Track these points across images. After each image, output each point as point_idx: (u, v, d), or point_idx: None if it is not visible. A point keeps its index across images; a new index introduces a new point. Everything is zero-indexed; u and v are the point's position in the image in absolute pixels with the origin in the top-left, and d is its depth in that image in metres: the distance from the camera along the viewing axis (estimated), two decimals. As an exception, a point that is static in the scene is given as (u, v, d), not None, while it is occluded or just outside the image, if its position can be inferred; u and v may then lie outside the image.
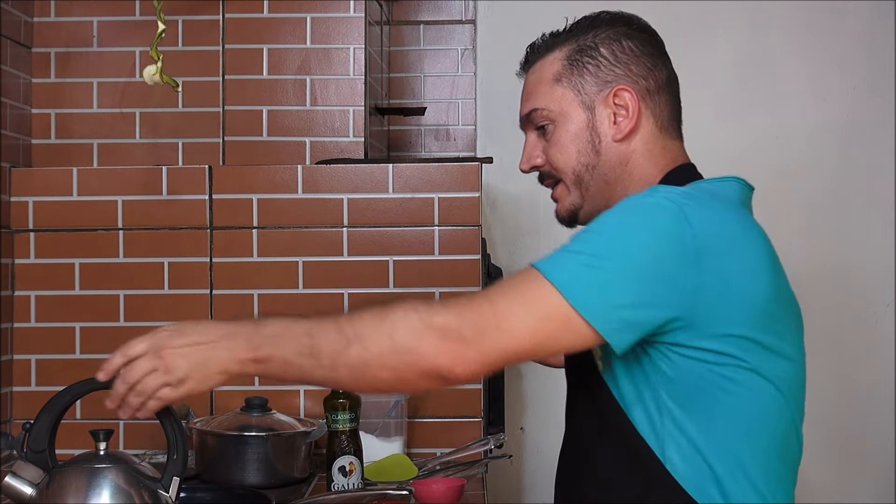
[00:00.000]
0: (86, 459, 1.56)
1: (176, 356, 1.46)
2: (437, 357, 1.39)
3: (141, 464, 1.58)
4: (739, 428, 1.51)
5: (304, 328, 1.45)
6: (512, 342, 1.41)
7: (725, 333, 1.46)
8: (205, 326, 1.50)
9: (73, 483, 1.52)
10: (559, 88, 1.67)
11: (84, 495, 1.50)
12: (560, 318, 1.41)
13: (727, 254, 1.47)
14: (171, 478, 1.54)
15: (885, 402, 3.18)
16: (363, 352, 1.41)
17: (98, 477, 1.51)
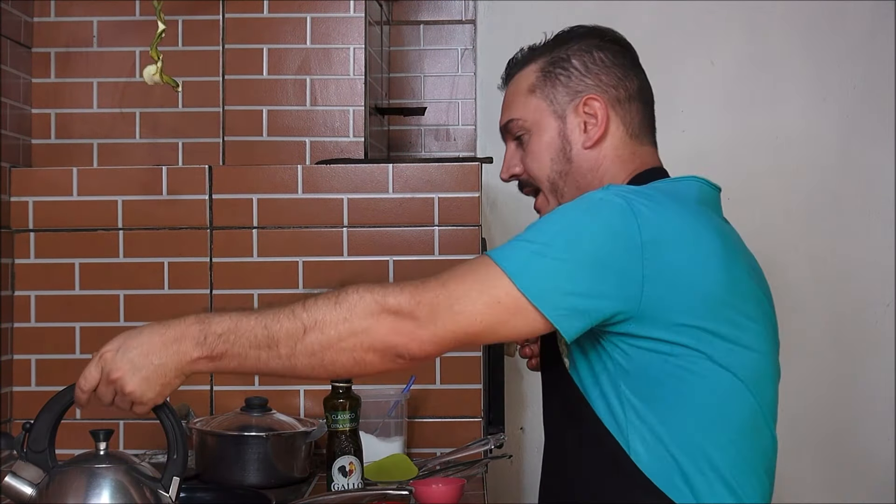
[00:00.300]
0: (86, 459, 1.56)
1: (125, 380, 1.48)
2: (391, 336, 1.44)
3: (141, 464, 1.59)
4: (700, 418, 1.53)
5: (257, 320, 1.47)
6: (464, 323, 1.45)
7: (676, 323, 1.49)
8: (148, 336, 1.50)
9: (73, 483, 1.52)
10: (533, 99, 1.74)
11: (84, 495, 1.50)
12: (510, 303, 1.45)
13: (674, 247, 1.50)
14: (172, 477, 1.54)
15: (885, 402, 3.18)
16: (321, 336, 1.44)
17: (98, 477, 1.52)
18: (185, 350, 1.48)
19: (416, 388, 2.37)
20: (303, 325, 1.45)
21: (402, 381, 2.35)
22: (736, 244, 1.63)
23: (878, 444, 3.19)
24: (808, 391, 3.13)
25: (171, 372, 1.49)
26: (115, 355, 1.49)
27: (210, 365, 1.48)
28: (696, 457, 1.53)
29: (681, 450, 1.53)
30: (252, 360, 1.47)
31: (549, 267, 1.46)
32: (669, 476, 1.53)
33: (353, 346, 1.45)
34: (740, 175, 3.21)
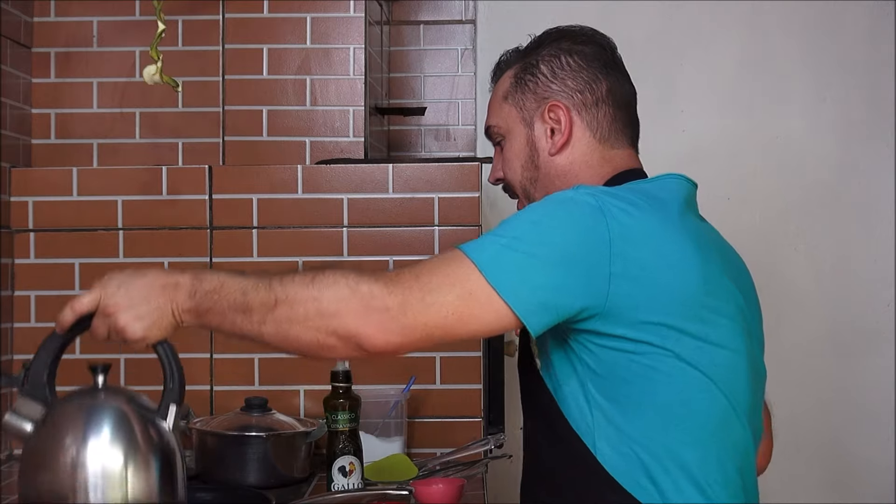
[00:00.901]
0: (84, 393, 1.55)
1: (119, 315, 1.51)
2: (358, 324, 1.43)
3: (139, 396, 1.57)
4: (667, 417, 1.53)
5: (240, 285, 1.49)
6: (434, 316, 1.45)
7: (643, 321, 1.50)
8: (150, 278, 1.53)
9: (73, 417, 1.50)
10: (506, 106, 1.77)
11: (83, 428, 1.48)
12: (481, 296, 1.45)
13: (642, 244, 1.50)
14: (169, 406, 1.53)
15: (885, 402, 3.18)
16: (289, 311, 1.45)
17: (97, 410, 1.51)
18: (179, 299, 1.51)
19: (416, 388, 2.37)
20: (275, 297, 1.46)
21: (402, 381, 2.35)
22: (710, 241, 1.63)
23: (878, 445, 3.19)
24: (807, 391, 3.13)
25: (164, 316, 1.51)
26: (116, 290, 1.52)
27: (196, 319, 1.51)
28: (663, 456, 1.53)
29: (647, 449, 1.53)
30: (229, 322, 1.50)
31: (518, 261, 1.46)
32: (635, 476, 1.53)
33: (318, 327, 1.45)
34: (740, 175, 3.22)
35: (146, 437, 1.49)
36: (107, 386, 1.55)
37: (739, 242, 2.64)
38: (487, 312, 1.46)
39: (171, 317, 1.51)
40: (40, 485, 1.45)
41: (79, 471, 1.43)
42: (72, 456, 1.44)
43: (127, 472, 1.46)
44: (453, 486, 2.00)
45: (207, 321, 1.51)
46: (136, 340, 1.52)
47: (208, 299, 1.50)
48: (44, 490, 1.44)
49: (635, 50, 3.21)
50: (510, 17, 3.19)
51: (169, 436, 1.51)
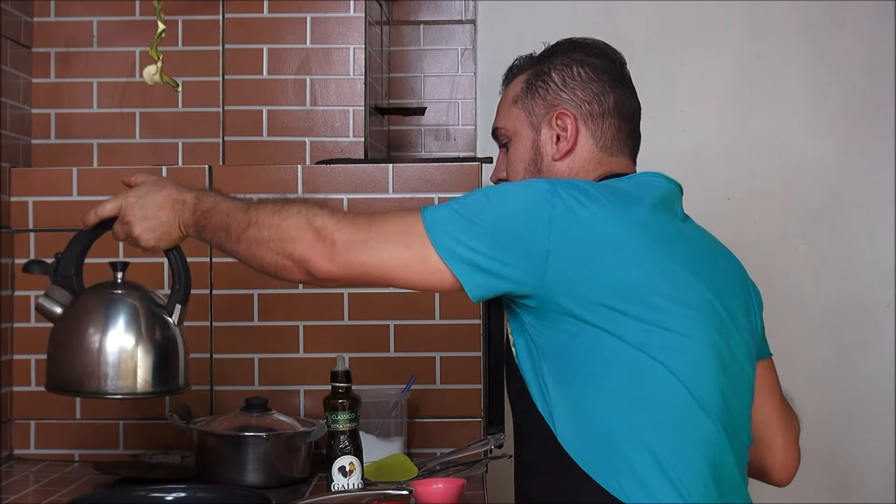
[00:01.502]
0: (105, 285, 1.83)
1: (135, 224, 1.77)
2: (306, 250, 1.61)
3: (151, 292, 1.84)
4: (617, 398, 1.57)
5: (227, 207, 1.73)
6: (374, 258, 1.60)
7: (582, 301, 1.56)
8: (164, 194, 1.77)
9: (95, 303, 1.79)
10: (515, 110, 1.82)
11: (103, 314, 1.77)
12: (420, 249, 1.58)
13: (587, 230, 1.57)
14: (174, 304, 1.82)
15: (885, 402, 3.18)
16: (256, 233, 1.66)
17: (115, 300, 1.79)
18: (184, 215, 1.76)
19: (416, 388, 2.37)
20: (249, 220, 1.67)
21: (402, 381, 2.35)
22: (678, 238, 1.66)
23: (879, 445, 3.19)
24: (807, 391, 3.12)
25: (172, 229, 1.78)
26: (135, 202, 1.78)
27: (196, 234, 1.77)
28: (616, 437, 1.56)
29: (598, 429, 1.57)
30: (217, 239, 1.73)
31: (460, 223, 1.58)
32: (590, 456, 1.57)
33: (277, 250, 1.64)
34: (740, 175, 3.21)
35: (153, 328, 1.79)
36: (125, 281, 1.82)
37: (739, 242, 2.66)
38: (424, 266, 1.59)
39: (178, 230, 1.77)
40: (66, 359, 1.76)
41: (98, 351, 1.75)
42: (92, 339, 1.75)
43: (137, 356, 1.76)
44: (453, 486, 2.00)
45: (203, 236, 1.75)
46: (148, 248, 1.79)
47: (204, 217, 1.74)
48: (68, 364, 1.76)
49: (635, 50, 3.21)
50: (510, 17, 3.19)
51: (174, 329, 1.81)
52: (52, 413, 2.42)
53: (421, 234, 1.58)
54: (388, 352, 2.42)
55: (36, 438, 2.43)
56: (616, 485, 1.55)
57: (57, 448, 2.42)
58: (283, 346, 2.42)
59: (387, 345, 2.42)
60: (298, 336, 2.42)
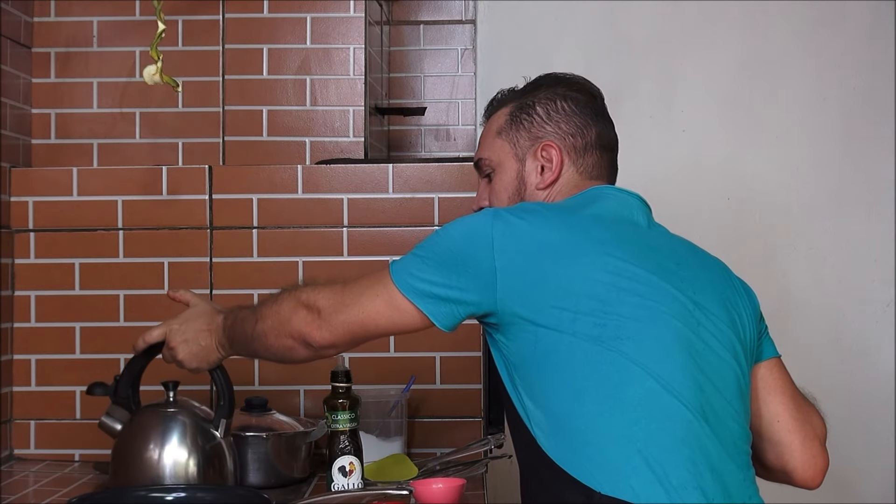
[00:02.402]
0: (158, 404, 2.02)
1: (178, 350, 1.95)
2: (301, 326, 1.75)
3: (200, 408, 2.04)
4: (580, 392, 1.60)
5: (243, 314, 1.87)
6: (354, 316, 1.72)
7: (534, 307, 1.63)
8: (201, 322, 1.96)
9: (150, 421, 1.99)
10: (499, 141, 1.89)
11: (160, 430, 1.97)
12: (388, 296, 1.71)
13: (527, 241, 1.65)
14: (220, 419, 2.00)
15: (885, 402, 3.18)
16: (262, 325, 1.81)
17: (168, 417, 1.99)
18: (217, 337, 1.93)
19: (416, 388, 2.37)
20: (255, 317, 1.83)
21: (402, 381, 2.35)
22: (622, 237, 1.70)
23: (878, 445, 3.19)
24: (807, 391, 3.13)
25: (212, 350, 1.94)
26: (178, 328, 1.95)
27: (231, 349, 1.93)
28: (587, 432, 1.59)
29: (571, 428, 1.60)
30: (242, 346, 1.89)
31: (417, 263, 1.70)
32: (569, 456, 1.60)
33: (280, 334, 1.78)
34: (740, 175, 3.21)
35: (203, 442, 1.98)
36: (176, 399, 2.03)
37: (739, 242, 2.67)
38: (393, 309, 1.71)
39: (217, 352, 1.94)
40: (128, 472, 1.96)
41: (156, 464, 1.95)
42: (151, 454, 1.96)
43: (189, 467, 1.96)
44: (453, 486, 2.00)
45: (236, 350, 1.92)
46: (192, 370, 1.97)
47: (231, 331, 1.89)
48: (130, 476, 1.95)
49: (635, 50, 3.23)
50: (510, 17, 3.19)
51: (220, 441, 2.00)
52: (52, 413, 2.42)
53: (386, 281, 1.71)
54: (388, 352, 2.42)
55: (36, 438, 2.43)
56: (595, 480, 1.57)
57: (57, 448, 2.42)
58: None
59: (387, 345, 2.41)
60: (298, 336, 2.42)
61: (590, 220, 1.72)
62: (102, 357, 2.41)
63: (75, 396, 2.42)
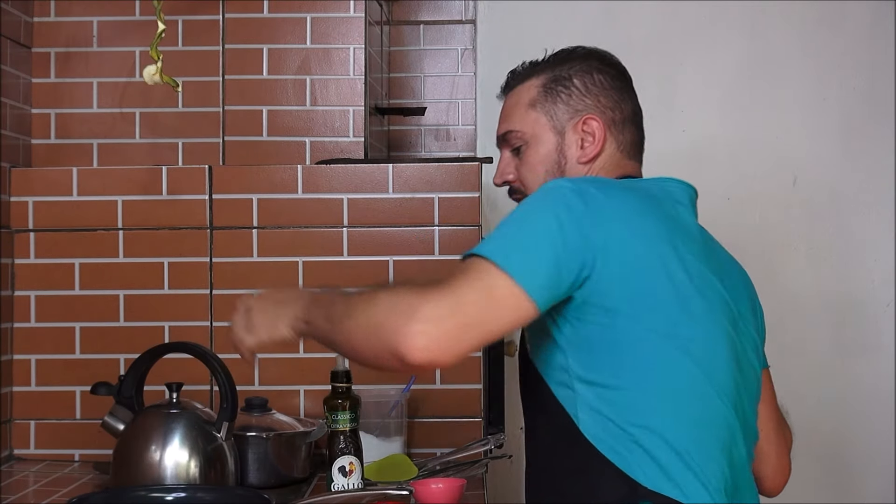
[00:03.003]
0: (161, 405, 2.02)
1: (254, 314, 1.73)
2: (395, 335, 1.49)
3: (202, 410, 2.03)
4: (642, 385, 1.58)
5: (331, 299, 1.65)
6: (468, 315, 1.50)
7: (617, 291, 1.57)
8: (283, 293, 1.75)
9: (153, 422, 1.98)
10: (533, 113, 1.82)
11: (162, 431, 1.96)
12: (499, 287, 1.52)
13: (616, 220, 1.59)
14: (223, 422, 1.99)
15: (885, 402, 3.18)
16: (352, 322, 1.57)
17: (171, 418, 1.98)
18: (297, 308, 1.69)
19: (416, 388, 2.37)
20: (347, 310, 1.59)
21: (402, 381, 2.35)
22: (695, 238, 1.70)
23: (878, 445, 3.19)
24: (808, 391, 3.13)
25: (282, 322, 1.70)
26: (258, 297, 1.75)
27: (305, 327, 1.67)
28: (639, 424, 1.57)
29: (625, 418, 1.58)
30: (321, 332, 1.64)
31: (517, 243, 1.56)
32: (614, 444, 1.58)
33: (369, 337, 1.54)
34: (740, 175, 3.22)
35: (205, 444, 1.97)
36: (179, 400, 2.02)
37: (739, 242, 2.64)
38: (508, 301, 1.52)
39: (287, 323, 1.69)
40: (130, 472, 1.95)
41: (158, 465, 1.94)
42: (152, 453, 1.95)
43: (190, 468, 1.95)
44: (453, 486, 2.00)
45: (311, 330, 1.66)
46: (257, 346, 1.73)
47: (313, 309, 1.66)
48: (132, 476, 1.95)
49: (635, 50, 3.22)
50: (510, 17, 3.19)
51: (222, 443, 1.99)
52: (52, 413, 2.42)
53: (493, 271, 1.52)
54: (388, 352, 2.41)
55: (36, 438, 2.43)
56: (640, 472, 1.57)
57: (57, 448, 2.42)
58: (283, 346, 2.41)
59: (387, 345, 2.41)
60: (298, 336, 2.42)
61: (668, 211, 1.68)
62: (102, 357, 2.41)
63: (75, 396, 2.42)
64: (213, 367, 2.00)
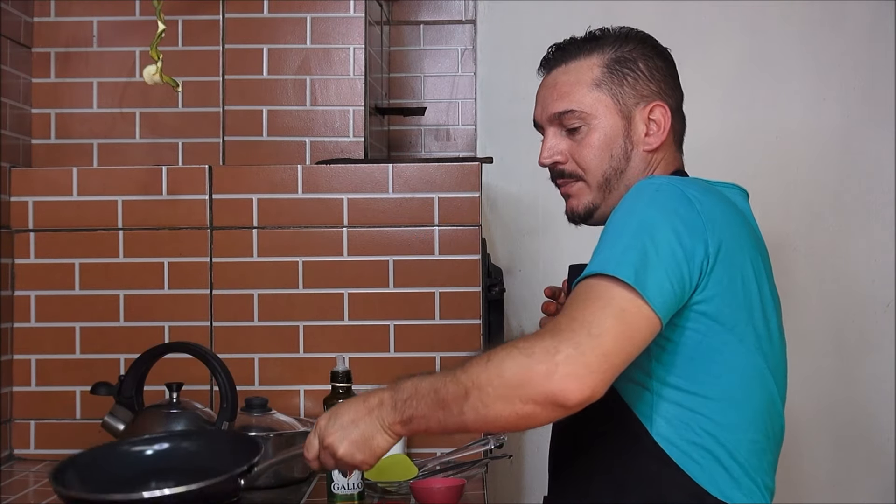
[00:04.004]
0: (161, 405, 2.03)
1: (336, 445, 1.59)
2: (546, 382, 1.43)
3: (202, 410, 2.03)
4: (728, 398, 1.58)
5: (430, 384, 1.54)
6: (606, 343, 1.44)
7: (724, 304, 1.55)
8: (354, 405, 1.61)
9: (153, 422, 1.99)
10: (596, 93, 1.74)
11: (162, 431, 1.95)
12: (628, 303, 1.47)
13: (724, 228, 1.57)
14: (223, 422, 1.99)
15: (885, 402, 3.18)
16: (482, 395, 1.48)
17: (171, 419, 1.99)
18: (385, 415, 1.57)
19: (416, 388, 2.37)
20: (464, 387, 1.49)
21: (402, 381, 2.35)
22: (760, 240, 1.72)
23: (879, 445, 3.19)
24: (808, 391, 3.13)
25: (378, 434, 1.57)
26: (327, 423, 1.60)
27: (404, 428, 1.57)
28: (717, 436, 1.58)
29: (704, 428, 1.57)
30: (434, 421, 1.53)
31: (639, 258, 1.49)
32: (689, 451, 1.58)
33: (513, 400, 1.46)
34: (740, 175, 3.20)
35: None
36: (179, 400, 2.02)
37: (739, 242, 2.60)
38: (639, 317, 1.47)
39: (384, 434, 1.58)
40: None
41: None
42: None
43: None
44: (453, 486, 2.00)
45: (415, 426, 1.56)
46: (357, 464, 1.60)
47: (408, 407, 1.55)
48: None
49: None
50: (510, 17, 3.19)
51: None
52: (52, 413, 2.42)
53: (619, 289, 1.47)
54: (388, 352, 2.42)
55: (36, 438, 2.43)
56: (711, 482, 1.58)
57: (57, 448, 2.42)
58: (283, 346, 2.42)
59: (387, 345, 2.42)
60: (298, 336, 2.42)
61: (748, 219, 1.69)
62: (102, 357, 2.41)
63: (75, 396, 2.42)
64: (213, 367, 2.00)
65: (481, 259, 2.42)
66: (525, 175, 3.14)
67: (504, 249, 3.18)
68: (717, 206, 1.59)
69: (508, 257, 3.14)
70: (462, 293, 2.41)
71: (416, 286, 2.41)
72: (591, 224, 1.78)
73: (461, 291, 2.41)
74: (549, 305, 1.94)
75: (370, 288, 2.41)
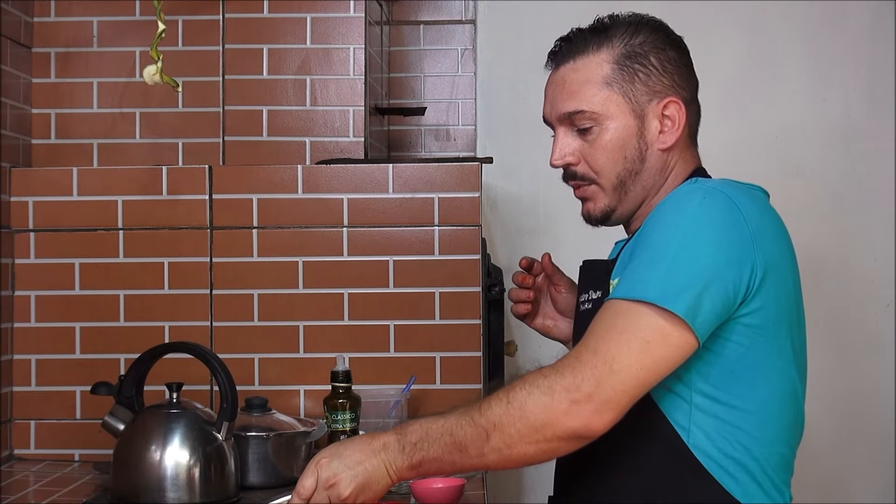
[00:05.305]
0: (161, 405, 2.01)
1: (342, 486, 1.57)
2: (569, 421, 1.47)
3: (203, 410, 2.02)
4: (766, 412, 1.58)
5: (443, 427, 1.54)
6: (628, 380, 1.46)
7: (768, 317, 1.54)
8: (358, 444, 1.59)
9: (153, 422, 1.97)
10: (607, 92, 1.68)
11: (162, 432, 1.94)
12: (656, 333, 1.47)
13: (771, 241, 1.56)
14: (223, 422, 1.97)
15: (885, 402, 3.18)
16: (504, 437, 1.50)
17: (171, 418, 1.96)
18: (392, 459, 1.56)
19: (416, 388, 2.37)
20: (484, 429, 1.50)
21: (402, 381, 2.35)
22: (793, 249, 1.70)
23: (878, 445, 3.19)
24: (808, 390, 3.12)
25: (382, 474, 1.57)
26: (330, 462, 1.58)
27: (413, 472, 1.57)
28: (753, 450, 1.57)
29: (740, 442, 1.57)
30: (448, 464, 1.54)
31: (680, 279, 1.48)
32: (725, 464, 1.56)
33: (537, 439, 1.49)
34: (740, 175, 3.20)
35: (205, 444, 1.95)
36: (179, 400, 2.00)
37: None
38: (668, 347, 1.48)
39: (388, 476, 1.57)
40: (129, 472, 1.95)
41: (157, 466, 1.93)
42: (152, 453, 1.93)
43: (190, 469, 1.93)
44: (453, 486, 2.00)
45: (425, 469, 1.57)
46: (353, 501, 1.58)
47: (418, 450, 1.55)
48: (132, 476, 1.94)
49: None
50: (510, 17, 3.19)
51: (223, 444, 1.98)
52: (52, 413, 2.42)
53: (647, 317, 1.47)
54: (388, 352, 2.42)
55: (36, 438, 2.43)
56: (744, 495, 1.57)
57: (57, 448, 2.42)
58: (283, 346, 2.42)
59: (387, 345, 2.42)
60: (298, 336, 2.42)
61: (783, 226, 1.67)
62: (102, 357, 2.41)
63: (75, 396, 2.42)
64: (213, 367, 2.00)
65: (481, 259, 2.42)
66: (525, 175, 3.14)
67: (504, 249, 3.18)
68: (765, 216, 1.58)
69: (508, 257, 3.14)
70: (462, 293, 2.41)
71: (416, 286, 2.41)
72: (610, 225, 1.75)
73: (461, 291, 2.41)
74: (524, 278, 1.92)
75: (370, 288, 2.41)
